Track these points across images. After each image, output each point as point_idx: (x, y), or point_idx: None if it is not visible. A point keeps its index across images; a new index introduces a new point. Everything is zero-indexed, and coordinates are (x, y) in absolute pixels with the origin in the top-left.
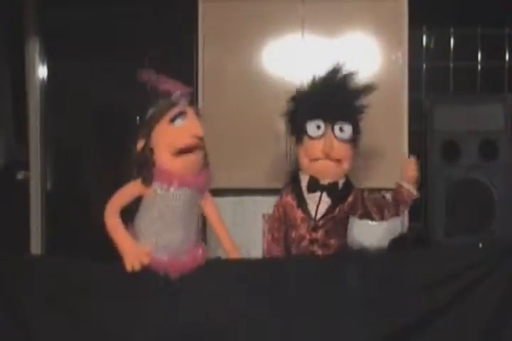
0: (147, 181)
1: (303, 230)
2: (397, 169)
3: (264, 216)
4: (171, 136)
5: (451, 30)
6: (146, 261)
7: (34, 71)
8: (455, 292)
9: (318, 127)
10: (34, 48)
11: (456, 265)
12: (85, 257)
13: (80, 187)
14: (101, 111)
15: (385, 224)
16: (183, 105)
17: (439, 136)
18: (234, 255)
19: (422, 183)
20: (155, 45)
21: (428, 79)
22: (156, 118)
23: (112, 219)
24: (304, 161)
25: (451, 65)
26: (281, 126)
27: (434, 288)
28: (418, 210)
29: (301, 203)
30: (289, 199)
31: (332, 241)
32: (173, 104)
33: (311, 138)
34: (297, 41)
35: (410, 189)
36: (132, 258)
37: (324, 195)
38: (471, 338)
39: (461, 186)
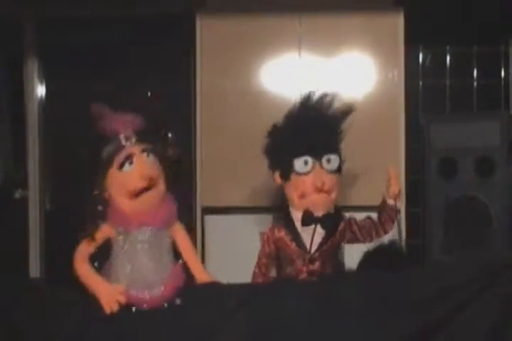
0: (108, 223)
1: (299, 264)
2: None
3: (261, 234)
4: (121, 181)
5: (447, 48)
6: (122, 299)
7: (33, 91)
8: (451, 308)
9: (306, 162)
10: (33, 69)
11: (452, 281)
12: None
13: (79, 207)
14: (99, 129)
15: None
16: (130, 146)
17: (436, 154)
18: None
19: (419, 200)
20: (152, 65)
21: (424, 97)
22: (105, 165)
23: (81, 266)
24: (294, 197)
25: (448, 82)
26: None
27: (430, 305)
28: (416, 227)
29: (295, 237)
30: (282, 234)
31: (326, 271)
32: (121, 147)
33: (299, 174)
34: (294, 60)
35: (395, 204)
36: (108, 299)
37: (318, 226)
38: None
39: (458, 203)
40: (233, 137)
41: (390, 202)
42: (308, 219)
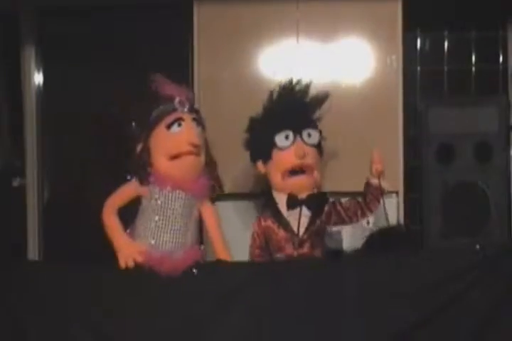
0: (143, 182)
1: (289, 250)
2: (392, 172)
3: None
4: (166, 141)
5: (445, 33)
6: (139, 259)
7: (30, 79)
8: (450, 294)
9: (287, 137)
10: (30, 55)
11: (452, 267)
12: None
13: (78, 195)
14: (97, 118)
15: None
16: (181, 112)
17: (434, 139)
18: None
19: (417, 186)
20: (150, 51)
21: (422, 83)
22: (154, 123)
23: (109, 218)
24: (277, 178)
25: (446, 68)
26: None
27: (429, 291)
28: (414, 213)
29: (283, 223)
30: (269, 223)
31: (316, 253)
32: (173, 110)
33: (280, 149)
34: (292, 46)
35: (381, 184)
36: (126, 256)
37: (304, 209)
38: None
39: (456, 188)
40: (231, 124)
41: (374, 181)
42: (292, 202)
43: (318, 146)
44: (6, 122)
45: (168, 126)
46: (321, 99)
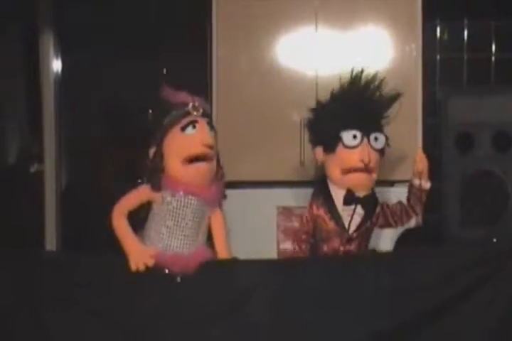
0: (155, 186)
1: (336, 243)
2: (411, 161)
3: (278, 208)
4: (181, 143)
5: (465, 21)
6: (150, 263)
7: (48, 64)
8: (466, 287)
9: (355, 136)
10: (48, 41)
11: (467, 260)
12: (101, 253)
13: (95, 181)
14: (115, 104)
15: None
16: (195, 115)
17: (453, 128)
18: None
19: (436, 175)
20: (169, 38)
21: (442, 71)
22: (168, 126)
23: (119, 221)
24: (336, 172)
25: (465, 56)
26: (296, 118)
27: (444, 284)
28: (433, 202)
29: (335, 216)
30: (321, 212)
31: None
32: (187, 114)
33: (347, 147)
34: (311, 34)
35: (422, 185)
36: (137, 259)
37: (359, 207)
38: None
39: (475, 178)
40: (249, 111)
41: (415, 181)
42: (350, 198)
43: (382, 150)
44: (24, 109)
45: (183, 129)
46: (393, 99)
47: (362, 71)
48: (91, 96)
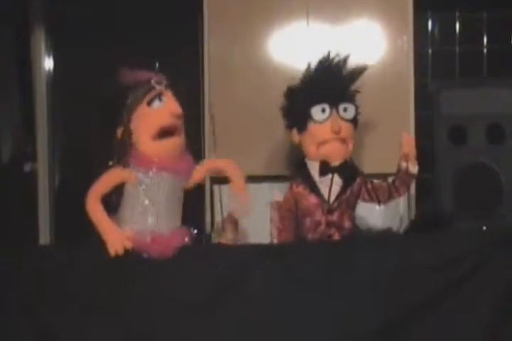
0: (126, 165)
1: (318, 216)
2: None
3: (272, 204)
4: (149, 118)
5: (457, 14)
6: (128, 245)
7: (40, 62)
8: (460, 274)
9: (323, 110)
10: (40, 39)
11: (459, 248)
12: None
13: (89, 180)
14: (108, 101)
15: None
16: (159, 89)
17: (446, 121)
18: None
19: (429, 167)
20: (160, 34)
21: (434, 64)
22: (133, 104)
23: (93, 206)
24: (311, 148)
25: (457, 49)
26: None
27: (439, 271)
28: (426, 195)
29: (313, 189)
30: (300, 189)
31: (346, 224)
32: (150, 88)
33: (316, 122)
34: (302, 28)
35: (409, 168)
36: (115, 243)
37: (336, 176)
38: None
39: (468, 170)
40: (241, 105)
41: (402, 164)
42: (325, 168)
43: (354, 120)
44: (16, 107)
45: (149, 103)
46: (358, 72)
47: (329, 54)
48: (84, 94)
